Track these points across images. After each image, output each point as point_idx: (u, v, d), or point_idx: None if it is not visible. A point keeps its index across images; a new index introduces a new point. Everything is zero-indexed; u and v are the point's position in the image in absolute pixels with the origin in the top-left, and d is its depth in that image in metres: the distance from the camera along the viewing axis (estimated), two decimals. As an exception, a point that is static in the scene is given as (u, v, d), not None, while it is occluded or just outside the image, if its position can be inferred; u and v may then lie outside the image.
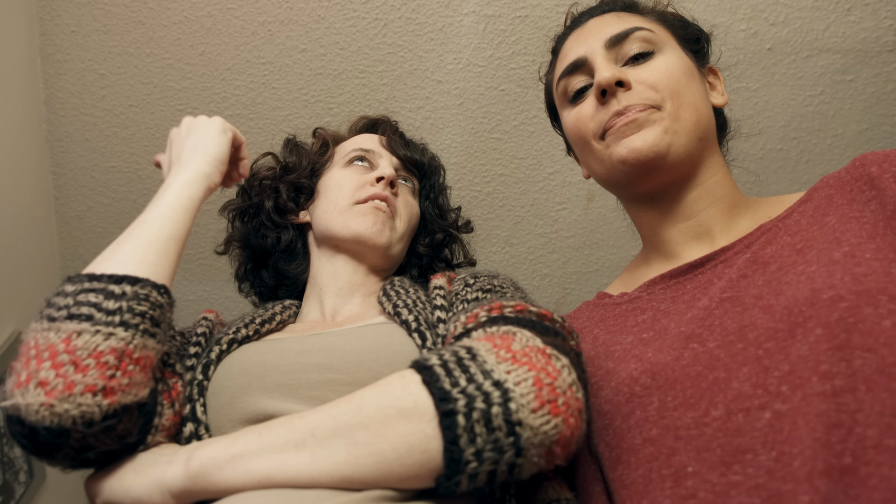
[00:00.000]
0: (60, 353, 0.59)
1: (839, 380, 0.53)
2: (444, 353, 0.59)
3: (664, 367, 0.65)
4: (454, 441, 0.52)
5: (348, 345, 0.74)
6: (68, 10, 1.37)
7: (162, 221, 0.73)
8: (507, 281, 0.84)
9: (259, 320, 0.86)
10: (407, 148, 1.03)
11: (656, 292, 0.77)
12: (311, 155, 1.02)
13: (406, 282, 0.89)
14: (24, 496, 1.27)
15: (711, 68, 0.88)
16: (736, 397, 0.58)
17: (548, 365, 0.57)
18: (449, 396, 0.54)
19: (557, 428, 0.54)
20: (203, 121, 0.87)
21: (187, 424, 0.71)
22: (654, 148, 0.75)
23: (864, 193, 0.67)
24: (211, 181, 0.82)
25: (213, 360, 0.77)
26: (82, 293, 0.64)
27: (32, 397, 0.58)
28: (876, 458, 0.49)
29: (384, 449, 0.54)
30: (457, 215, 1.11)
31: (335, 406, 0.58)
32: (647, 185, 0.80)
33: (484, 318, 0.67)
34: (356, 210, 0.92)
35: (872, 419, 0.50)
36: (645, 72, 0.79)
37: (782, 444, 0.53)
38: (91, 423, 0.60)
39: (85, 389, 0.59)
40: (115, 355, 0.61)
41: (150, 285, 0.67)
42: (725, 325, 0.64)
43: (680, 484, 0.58)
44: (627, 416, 0.65)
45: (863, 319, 0.55)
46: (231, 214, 1.04)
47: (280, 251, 1.00)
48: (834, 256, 0.61)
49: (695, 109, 0.78)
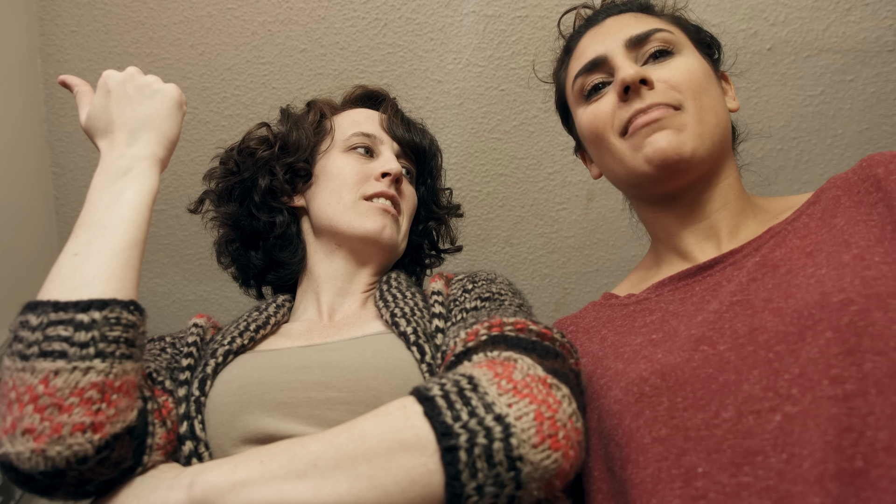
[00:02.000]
0: (41, 395, 0.58)
1: (850, 384, 0.53)
2: (445, 382, 0.59)
3: (674, 368, 0.65)
4: (456, 476, 0.53)
5: (347, 361, 0.73)
6: (68, 10, 1.37)
7: (125, 226, 0.69)
8: (505, 286, 0.84)
9: (254, 326, 0.84)
10: (408, 131, 0.97)
11: (664, 294, 0.78)
12: (310, 132, 0.95)
13: (402, 281, 0.88)
14: (24, 496, 1.27)
15: (723, 74, 0.88)
16: (746, 399, 0.59)
17: (549, 397, 0.57)
18: (451, 431, 0.54)
19: (557, 462, 0.55)
20: (157, 85, 0.79)
21: (186, 443, 0.70)
22: (679, 149, 0.75)
23: (872, 195, 0.67)
24: (163, 166, 0.77)
25: (210, 375, 0.75)
26: (50, 326, 0.61)
27: (22, 445, 0.58)
28: (886, 460, 0.49)
29: (386, 482, 0.54)
30: (448, 199, 1.07)
31: (337, 436, 0.58)
32: (669, 185, 0.80)
33: (484, 336, 0.66)
34: (362, 208, 0.88)
35: (883, 422, 0.51)
36: (667, 71, 0.79)
37: (792, 447, 0.54)
38: (85, 460, 0.59)
39: (73, 429, 0.58)
40: (97, 389, 0.60)
41: (120, 306, 0.64)
42: (736, 329, 0.64)
43: (690, 484, 0.58)
44: (637, 416, 0.65)
45: (873, 323, 0.55)
46: (217, 186, 0.96)
47: (274, 237, 0.94)
48: (843, 259, 0.61)
49: (714, 112, 0.78)
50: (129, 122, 0.76)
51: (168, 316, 1.59)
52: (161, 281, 1.57)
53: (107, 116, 0.76)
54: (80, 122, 0.78)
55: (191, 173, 1.48)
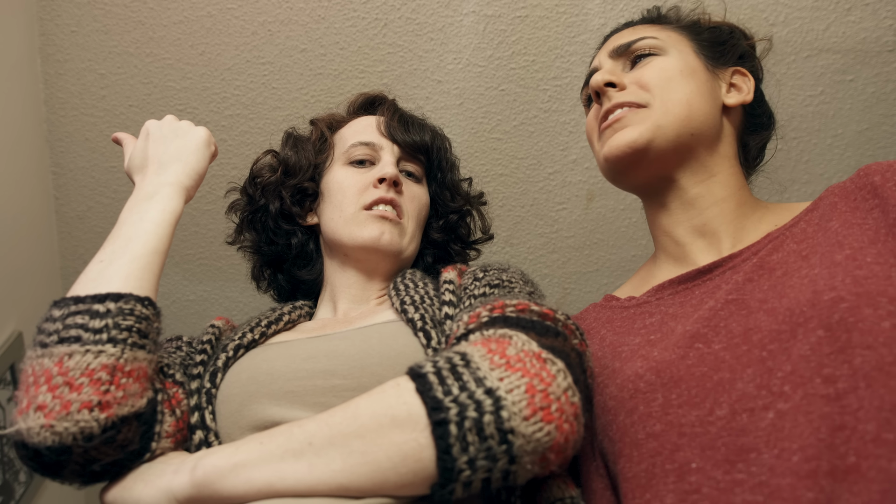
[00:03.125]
0: (55, 375, 0.62)
1: (841, 382, 0.54)
2: (438, 359, 0.59)
3: (669, 364, 0.66)
4: (447, 450, 0.53)
5: (352, 349, 0.75)
6: (68, 10, 1.37)
7: (146, 238, 0.75)
8: (517, 275, 0.84)
9: (265, 322, 0.87)
10: (407, 132, 0.97)
11: (665, 297, 0.79)
12: (310, 152, 0.98)
13: (417, 274, 0.89)
14: (24, 496, 1.27)
15: (739, 69, 0.88)
16: (740, 398, 0.59)
17: (542, 370, 0.57)
18: (441, 405, 0.54)
19: (550, 435, 0.54)
20: (188, 127, 0.87)
21: (197, 432, 0.73)
22: (632, 144, 0.79)
23: (868, 202, 0.68)
24: (189, 195, 0.83)
25: (220, 368, 0.78)
26: (69, 316, 0.66)
27: (33, 421, 0.61)
28: (875, 451, 0.51)
29: (379, 458, 0.54)
30: (468, 188, 1.06)
31: (332, 415, 0.59)
32: (633, 179, 0.84)
33: (485, 318, 0.67)
34: (361, 218, 0.90)
35: (871, 414, 0.52)
36: (639, 72, 0.83)
37: (783, 442, 0.55)
38: (91, 438, 0.62)
39: (81, 406, 0.62)
40: (106, 371, 0.64)
41: (134, 299, 0.69)
42: (731, 328, 0.65)
43: (683, 479, 0.59)
44: (631, 412, 0.66)
45: (863, 319, 0.56)
46: (239, 218, 1.02)
47: (293, 257, 0.99)
48: (836, 259, 0.62)
49: (687, 105, 0.79)
50: (161, 156, 0.83)
51: (168, 316, 1.58)
52: (161, 281, 1.56)
53: (143, 155, 0.84)
54: (124, 167, 0.87)
55: (191, 173, 1.48)
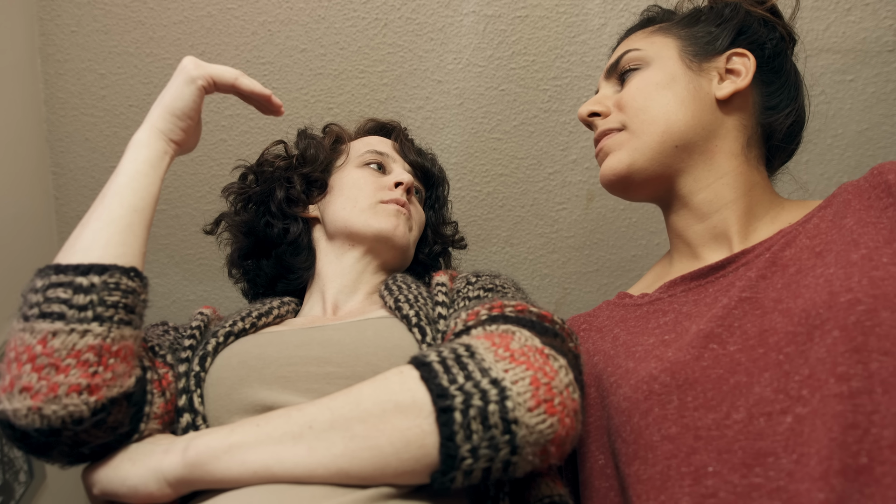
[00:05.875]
0: (39, 355, 0.59)
1: (856, 381, 0.54)
2: (442, 350, 0.59)
3: (683, 366, 0.65)
4: (450, 437, 0.53)
5: (347, 338, 0.74)
6: (68, 10, 1.37)
7: (122, 194, 0.70)
8: (509, 281, 0.85)
9: (256, 314, 0.86)
10: (419, 155, 1.04)
11: (678, 294, 0.78)
12: (326, 149, 1.01)
13: (408, 277, 0.90)
14: (24, 496, 1.27)
15: (735, 52, 0.81)
16: (758, 402, 0.59)
17: (545, 365, 0.57)
18: (446, 393, 0.54)
19: (553, 427, 0.55)
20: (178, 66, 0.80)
21: (184, 415, 0.71)
22: (615, 172, 0.82)
23: (882, 200, 0.68)
24: (170, 137, 0.77)
25: (210, 352, 0.76)
26: (51, 288, 0.62)
27: (19, 402, 0.59)
28: (891, 457, 0.50)
29: (381, 443, 0.54)
30: (455, 230, 1.12)
31: (333, 399, 0.58)
32: (635, 197, 0.87)
33: (485, 316, 0.67)
34: (379, 209, 0.92)
35: (888, 420, 0.51)
36: (621, 93, 0.84)
37: (802, 447, 0.54)
38: (81, 421, 0.60)
39: (70, 390, 0.59)
40: (93, 352, 0.61)
41: (119, 271, 0.65)
42: (745, 329, 0.64)
43: (700, 482, 0.58)
44: (646, 413, 0.66)
45: (880, 323, 0.55)
46: (234, 199, 1.02)
47: (286, 243, 0.99)
48: (851, 258, 0.62)
49: (663, 120, 0.79)
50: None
51: (168, 316, 1.59)
52: (161, 281, 1.57)
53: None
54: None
55: (191, 173, 1.48)
